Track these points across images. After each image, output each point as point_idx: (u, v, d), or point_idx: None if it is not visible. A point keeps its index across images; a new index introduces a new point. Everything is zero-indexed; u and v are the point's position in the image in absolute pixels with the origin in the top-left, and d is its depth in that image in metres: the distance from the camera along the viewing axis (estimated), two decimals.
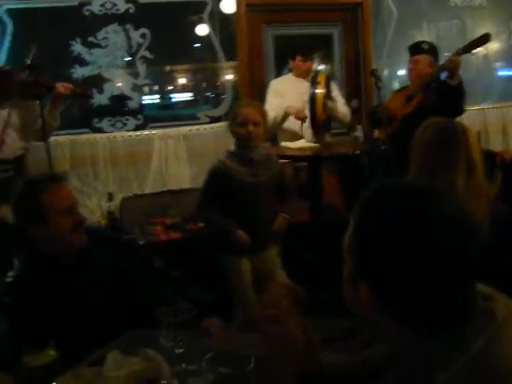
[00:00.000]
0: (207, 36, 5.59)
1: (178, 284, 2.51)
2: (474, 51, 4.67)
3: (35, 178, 2.53)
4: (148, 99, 5.66)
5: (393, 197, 1.20)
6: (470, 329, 1.14)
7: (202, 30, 5.58)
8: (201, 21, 5.55)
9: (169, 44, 5.57)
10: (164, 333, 1.87)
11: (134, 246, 3.05)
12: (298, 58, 5.13)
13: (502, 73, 6.81)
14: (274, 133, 5.23)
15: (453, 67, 4.36)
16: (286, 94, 5.03)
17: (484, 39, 4.44)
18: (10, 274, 2.37)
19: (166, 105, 5.82)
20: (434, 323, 1.16)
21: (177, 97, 5.87)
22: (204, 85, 5.89)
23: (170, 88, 5.79)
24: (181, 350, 1.88)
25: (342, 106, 5.13)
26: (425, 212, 1.14)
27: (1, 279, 2.35)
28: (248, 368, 1.56)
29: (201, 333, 2.18)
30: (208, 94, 5.90)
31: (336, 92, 5.16)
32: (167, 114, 5.75)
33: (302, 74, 5.12)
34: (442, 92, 4.44)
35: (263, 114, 3.62)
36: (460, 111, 4.51)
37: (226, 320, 2.57)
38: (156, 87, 5.70)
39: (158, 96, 5.74)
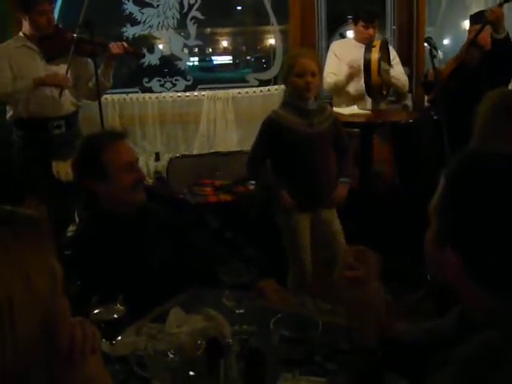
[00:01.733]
0: None
1: (234, 245, 2.51)
2: None
3: (96, 135, 2.56)
4: (198, 60, 5.65)
5: (487, 161, 1.18)
6: None
7: None
8: None
9: (220, 5, 5.55)
10: (226, 293, 1.89)
11: (189, 205, 3.04)
12: (361, 23, 5.02)
13: None
14: (330, 96, 5.16)
15: (494, 18, 4.22)
16: (346, 58, 4.94)
17: None
18: (71, 228, 2.39)
19: (215, 67, 5.81)
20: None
21: (226, 59, 5.84)
22: (254, 48, 5.84)
23: (220, 50, 5.78)
24: (241, 311, 1.90)
25: (400, 74, 5.03)
26: None
27: (62, 234, 2.38)
28: (316, 333, 1.56)
29: (257, 294, 2.19)
30: (258, 57, 5.85)
31: (396, 60, 5.07)
32: (217, 75, 5.75)
33: (364, 40, 5.01)
34: (488, 52, 4.34)
35: (319, 64, 3.57)
36: (508, 69, 4.39)
37: (281, 281, 2.58)
38: (206, 49, 5.68)
39: (208, 58, 5.72)
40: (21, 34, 4.17)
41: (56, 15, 4.80)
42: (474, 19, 4.64)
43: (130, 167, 2.37)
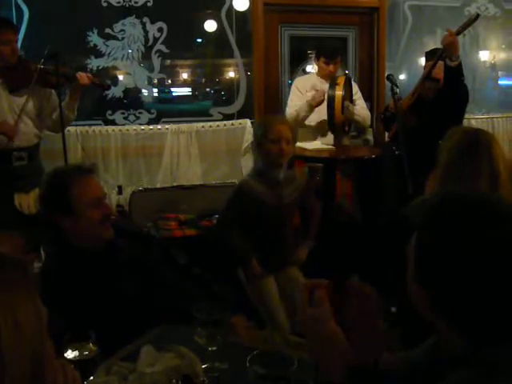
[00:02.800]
0: (223, 33, 5.58)
1: (202, 281, 2.50)
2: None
3: (64, 170, 2.53)
4: (162, 93, 5.66)
5: (459, 210, 1.21)
6: None
7: (219, 26, 5.57)
8: (217, 17, 5.54)
9: (185, 39, 5.59)
10: (198, 330, 1.87)
11: (156, 240, 3.02)
12: (322, 59, 5.09)
13: (509, 82, 6.85)
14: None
15: (448, 44, 4.27)
16: (306, 94, 5.01)
17: (474, 18, 4.41)
18: (37, 265, 2.35)
19: (179, 100, 5.82)
20: (489, 333, 1.17)
21: (190, 92, 5.86)
22: (218, 82, 5.89)
23: (184, 83, 5.79)
24: (214, 348, 1.88)
25: (362, 109, 5.11)
26: (489, 227, 1.16)
27: None
28: (292, 369, 1.55)
29: (228, 331, 2.17)
30: (222, 91, 5.89)
31: (358, 95, 5.15)
32: (180, 108, 5.74)
33: (325, 76, 5.09)
34: (444, 85, 4.44)
35: (294, 132, 3.52)
36: (464, 95, 4.49)
37: (249, 316, 2.57)
38: (170, 82, 5.69)
39: (172, 91, 5.74)
40: None
41: (20, 43, 4.78)
42: (429, 56, 4.78)
43: (98, 203, 2.35)
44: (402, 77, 6.27)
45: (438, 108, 4.35)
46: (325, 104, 4.74)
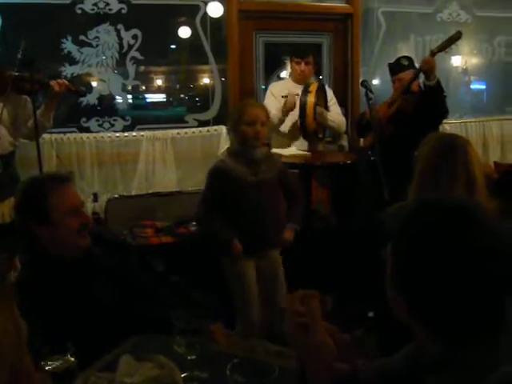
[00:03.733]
0: (198, 39, 5.56)
1: (179, 288, 2.49)
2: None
3: (40, 178, 2.51)
4: (136, 100, 5.64)
5: (434, 216, 1.23)
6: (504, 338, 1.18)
7: (193, 33, 5.56)
8: (192, 24, 5.54)
9: (159, 46, 5.57)
10: (177, 339, 1.87)
11: (133, 248, 3.01)
12: (294, 59, 5.14)
13: (480, 87, 6.97)
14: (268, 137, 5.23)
15: (428, 67, 4.43)
16: (281, 98, 5.02)
17: (455, 37, 4.54)
18: (13, 274, 2.32)
19: (154, 107, 5.80)
20: (463, 337, 1.19)
21: (165, 99, 5.85)
22: (193, 88, 5.88)
23: (158, 90, 5.78)
24: (193, 357, 1.87)
25: (337, 115, 5.14)
26: (464, 232, 1.18)
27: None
28: (272, 377, 1.56)
29: (207, 339, 2.17)
30: (197, 97, 5.88)
31: (333, 101, 5.18)
32: (155, 115, 5.72)
33: (298, 79, 5.12)
34: (423, 94, 4.54)
35: (268, 115, 3.61)
36: (443, 112, 4.59)
37: (228, 324, 2.57)
38: (145, 88, 5.67)
39: (147, 97, 5.72)
40: None
41: None
42: (395, 69, 4.88)
43: (76, 211, 2.34)
44: (376, 82, 6.31)
45: (416, 120, 4.40)
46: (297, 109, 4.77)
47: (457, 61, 6.67)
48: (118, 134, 5.34)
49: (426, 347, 1.27)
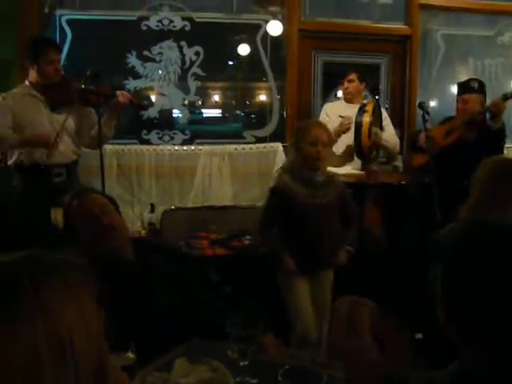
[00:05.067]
0: (258, 57, 5.69)
1: (235, 299, 2.57)
2: None
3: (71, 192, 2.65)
4: (197, 115, 5.78)
5: (488, 238, 1.27)
6: None
7: (254, 50, 5.69)
8: (253, 42, 5.67)
9: (220, 62, 5.73)
10: (231, 345, 1.94)
11: (190, 258, 3.11)
12: (341, 80, 5.26)
13: None
14: None
15: (496, 111, 4.44)
16: (335, 118, 5.09)
17: None
18: None
19: (213, 122, 5.94)
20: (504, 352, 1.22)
21: (224, 114, 5.98)
22: (252, 104, 6.00)
23: (218, 105, 5.92)
24: (245, 363, 1.94)
25: (391, 136, 5.16)
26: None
27: None
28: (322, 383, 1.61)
29: (258, 348, 2.23)
30: (255, 113, 6.00)
31: (387, 121, 5.21)
32: (214, 131, 5.87)
33: (347, 97, 5.19)
34: (484, 132, 4.53)
35: (330, 137, 3.68)
36: (499, 154, 4.58)
37: (280, 336, 2.62)
38: (205, 104, 5.82)
39: (206, 113, 5.86)
40: (26, 82, 4.25)
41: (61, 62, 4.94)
42: (464, 89, 4.84)
43: (92, 218, 2.42)
44: (433, 104, 6.30)
45: (475, 151, 4.40)
46: (352, 130, 4.81)
47: None
48: (177, 148, 5.49)
49: (473, 366, 1.30)
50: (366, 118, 4.75)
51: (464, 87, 4.86)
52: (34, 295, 0.89)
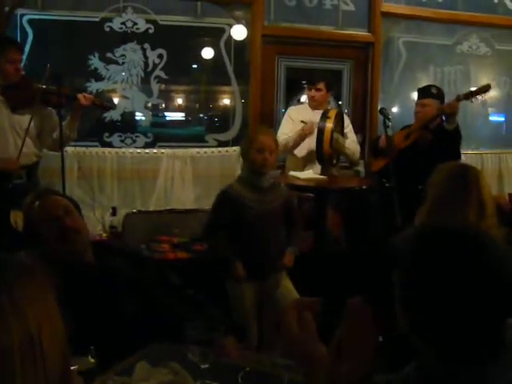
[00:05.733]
0: (221, 61, 5.69)
1: (195, 302, 2.57)
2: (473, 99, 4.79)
3: (31, 195, 2.62)
4: (159, 118, 5.76)
5: (444, 240, 1.30)
6: (502, 359, 1.24)
7: (217, 54, 5.69)
8: (216, 46, 5.67)
9: (184, 66, 5.73)
10: (192, 348, 1.95)
11: (151, 261, 3.10)
12: (307, 86, 5.29)
13: (498, 119, 7.02)
14: (284, 159, 5.32)
15: (450, 112, 4.55)
16: (298, 122, 5.12)
17: (484, 89, 4.66)
18: None
19: (175, 125, 5.93)
20: (465, 355, 1.25)
21: (187, 118, 5.98)
22: (215, 108, 6.01)
23: (181, 109, 5.91)
24: (206, 366, 1.95)
25: (352, 143, 5.22)
26: (475, 253, 1.25)
27: None
28: None
29: (219, 351, 2.24)
30: (218, 117, 6.01)
31: (349, 128, 5.26)
32: (176, 134, 5.85)
33: (311, 104, 5.24)
34: (439, 135, 4.64)
35: (277, 143, 3.73)
36: (455, 155, 4.69)
37: (241, 339, 2.64)
38: (168, 107, 5.80)
39: (168, 116, 5.85)
40: None
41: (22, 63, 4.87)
42: (424, 94, 4.94)
43: (51, 221, 2.41)
44: (394, 110, 6.40)
45: (429, 157, 4.48)
46: (315, 134, 4.86)
47: None
48: (139, 151, 5.46)
49: (428, 366, 1.34)
50: (329, 124, 4.79)
51: (423, 92, 4.98)
52: (7, 293, 0.90)
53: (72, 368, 1.63)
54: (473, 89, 4.88)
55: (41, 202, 2.47)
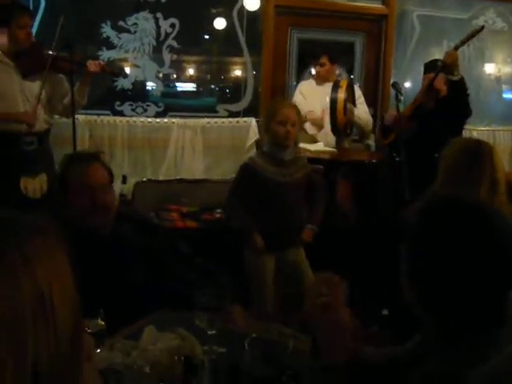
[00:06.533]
0: (234, 31, 5.67)
1: (205, 270, 2.59)
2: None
3: (69, 156, 2.62)
4: (170, 88, 5.76)
5: (454, 213, 1.31)
6: (503, 332, 1.25)
7: (230, 24, 5.66)
8: (229, 16, 5.64)
9: (196, 36, 5.70)
10: (200, 314, 1.97)
11: (160, 228, 3.12)
12: (317, 62, 5.28)
13: None
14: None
15: (450, 61, 4.50)
16: (310, 97, 5.12)
17: (478, 30, 4.60)
18: None
19: (187, 95, 5.92)
20: (470, 325, 1.27)
21: (198, 88, 5.97)
22: (226, 79, 5.99)
23: (192, 79, 5.90)
24: (213, 332, 1.97)
25: (364, 113, 5.22)
26: (485, 226, 1.26)
27: None
28: (286, 352, 1.65)
29: (225, 318, 2.26)
30: (230, 88, 6.00)
31: (361, 99, 5.25)
32: (187, 104, 5.84)
33: (321, 78, 5.22)
34: (443, 100, 4.63)
35: (300, 115, 3.71)
36: (466, 111, 4.65)
37: (247, 306, 2.67)
38: (179, 77, 5.79)
39: (180, 86, 5.84)
40: None
41: (34, 32, 4.85)
42: (428, 68, 4.90)
43: (88, 191, 2.41)
44: (407, 84, 6.35)
45: (437, 117, 4.47)
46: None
47: (490, 68, 6.66)
48: (150, 120, 5.47)
49: (431, 338, 1.35)
50: (341, 95, 4.78)
51: (429, 66, 4.94)
52: (17, 249, 0.91)
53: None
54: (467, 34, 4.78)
55: (81, 168, 2.46)
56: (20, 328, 0.88)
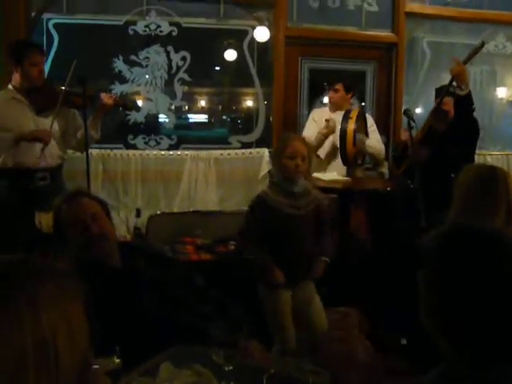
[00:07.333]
0: (245, 62, 5.71)
1: (220, 304, 2.57)
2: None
3: (59, 197, 2.63)
4: (183, 120, 5.79)
5: (471, 242, 1.28)
6: None
7: (240, 56, 5.70)
8: (239, 48, 5.69)
9: (207, 68, 5.75)
10: (216, 349, 1.94)
11: (175, 262, 3.10)
12: (329, 88, 5.28)
13: None
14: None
15: (457, 73, 4.46)
16: (322, 123, 5.11)
17: (480, 47, 4.57)
18: None
19: (199, 127, 5.95)
20: (494, 354, 1.23)
21: (210, 120, 5.99)
22: (238, 110, 6.01)
23: (204, 111, 5.93)
24: (230, 368, 1.94)
25: (376, 142, 5.20)
26: (503, 255, 1.24)
27: None
28: None
29: (242, 354, 2.23)
30: (242, 119, 6.02)
31: (373, 128, 5.24)
32: (200, 136, 5.87)
33: (332, 106, 5.22)
34: (455, 106, 4.59)
35: (309, 149, 3.70)
36: (473, 125, 4.62)
37: (263, 341, 2.63)
38: (191, 109, 5.83)
39: (192, 118, 5.87)
40: (10, 86, 4.24)
41: (48, 67, 4.91)
42: (439, 92, 4.88)
43: (79, 224, 2.43)
44: (418, 111, 6.34)
45: (449, 139, 4.44)
46: (337, 133, 4.84)
47: (502, 92, 6.65)
48: (163, 152, 5.49)
49: (453, 367, 1.32)
50: (351, 125, 4.77)
51: (441, 91, 4.91)
52: (25, 293, 0.90)
53: (97, 367, 1.64)
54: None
55: (69, 205, 2.48)
56: (20, 368, 0.86)
